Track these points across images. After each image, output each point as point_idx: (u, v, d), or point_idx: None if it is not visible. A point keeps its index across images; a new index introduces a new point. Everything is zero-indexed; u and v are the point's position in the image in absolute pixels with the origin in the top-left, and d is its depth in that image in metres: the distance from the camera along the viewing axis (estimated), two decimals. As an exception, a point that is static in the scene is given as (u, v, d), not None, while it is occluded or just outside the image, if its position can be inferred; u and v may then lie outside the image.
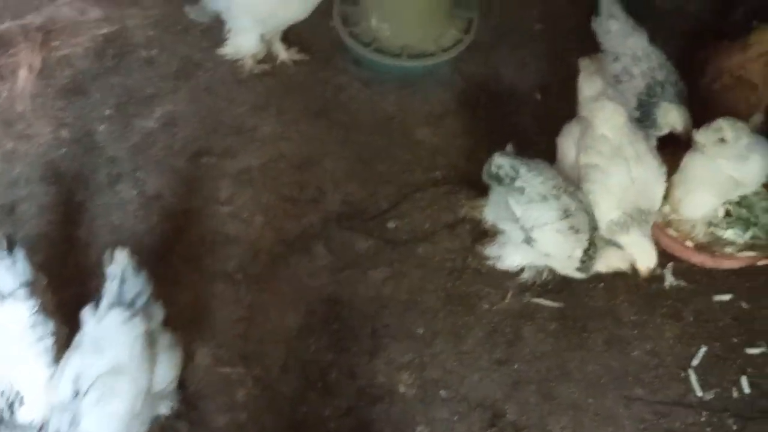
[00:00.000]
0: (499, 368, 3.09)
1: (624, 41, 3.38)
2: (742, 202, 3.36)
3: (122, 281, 2.45)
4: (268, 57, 3.92)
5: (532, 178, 3.03)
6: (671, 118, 3.26)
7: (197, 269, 3.29)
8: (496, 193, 3.19)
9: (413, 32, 3.89)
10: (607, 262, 3.09)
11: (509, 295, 3.26)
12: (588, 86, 3.35)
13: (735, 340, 3.13)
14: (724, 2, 4.02)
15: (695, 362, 3.09)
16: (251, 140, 3.70)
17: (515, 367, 3.10)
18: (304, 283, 3.28)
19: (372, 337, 3.16)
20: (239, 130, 3.73)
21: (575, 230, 2.99)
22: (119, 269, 2.46)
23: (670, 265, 3.30)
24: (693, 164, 3.18)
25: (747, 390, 3.01)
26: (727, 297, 3.23)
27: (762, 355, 3.10)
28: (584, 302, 3.24)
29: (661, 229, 3.29)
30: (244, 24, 3.78)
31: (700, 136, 3.08)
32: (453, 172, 3.64)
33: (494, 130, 3.76)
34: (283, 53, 3.94)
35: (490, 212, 3.29)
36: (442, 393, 3.04)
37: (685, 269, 3.30)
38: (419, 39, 3.90)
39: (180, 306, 3.17)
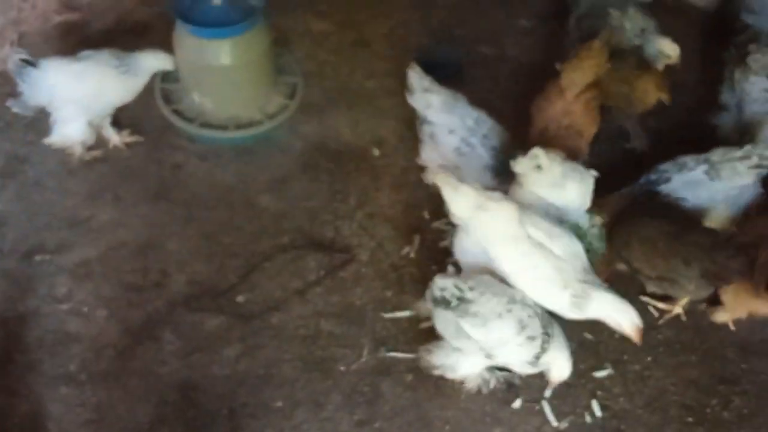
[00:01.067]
0: (361, 430, 3.07)
1: (451, 113, 3.47)
2: (575, 231, 3.54)
3: None
4: (99, 143, 3.84)
5: (483, 300, 2.90)
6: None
7: (37, 375, 3.13)
8: (443, 316, 2.98)
9: (237, 104, 3.92)
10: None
11: (365, 353, 3.26)
12: (460, 199, 3.07)
13: (582, 366, 3.23)
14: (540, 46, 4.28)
15: (548, 393, 3.17)
16: (87, 231, 3.58)
17: (377, 425, 3.08)
18: (154, 373, 3.17)
19: (230, 418, 3.08)
20: (73, 222, 3.60)
21: (531, 338, 2.90)
22: None
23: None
24: (518, 198, 3.31)
25: (599, 413, 3.12)
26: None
27: (609, 377, 3.23)
28: (438, 349, 3.28)
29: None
30: (69, 112, 3.69)
31: (518, 165, 3.21)
32: (299, 236, 3.64)
33: (337, 190, 3.81)
34: (114, 137, 3.86)
35: (441, 330, 3.04)
36: (306, 465, 2.99)
37: (529, 303, 3.41)
38: (244, 109, 3.92)
39: (21, 417, 3.01)
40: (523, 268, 2.98)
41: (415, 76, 3.51)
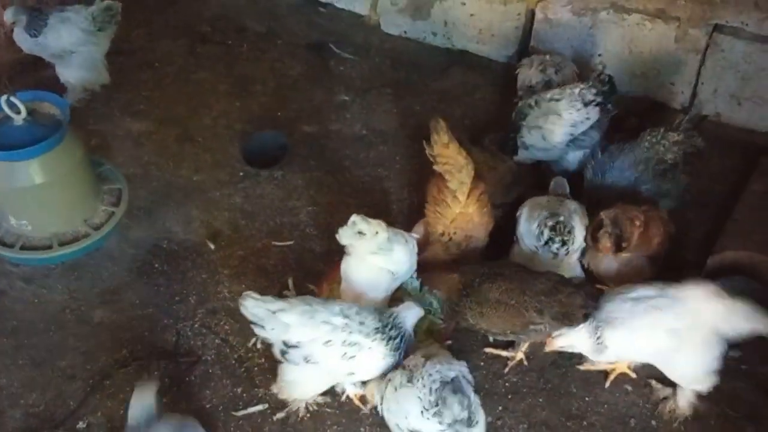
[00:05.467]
0: None
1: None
2: (413, 295, 3.61)
3: None
4: None
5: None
6: None
7: None
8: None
9: (57, 221, 3.81)
10: None
11: (228, 457, 3.18)
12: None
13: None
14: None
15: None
16: None
17: None
18: None
19: None
20: None
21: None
22: None
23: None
24: (350, 268, 3.38)
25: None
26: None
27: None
28: (299, 441, 3.23)
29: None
30: None
31: (342, 237, 3.28)
32: (140, 347, 3.51)
33: (175, 292, 3.72)
34: (-75, 275, 3.64)
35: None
36: None
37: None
38: (66, 225, 3.82)
39: None
40: None
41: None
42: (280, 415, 3.27)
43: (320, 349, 3.01)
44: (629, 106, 4.42)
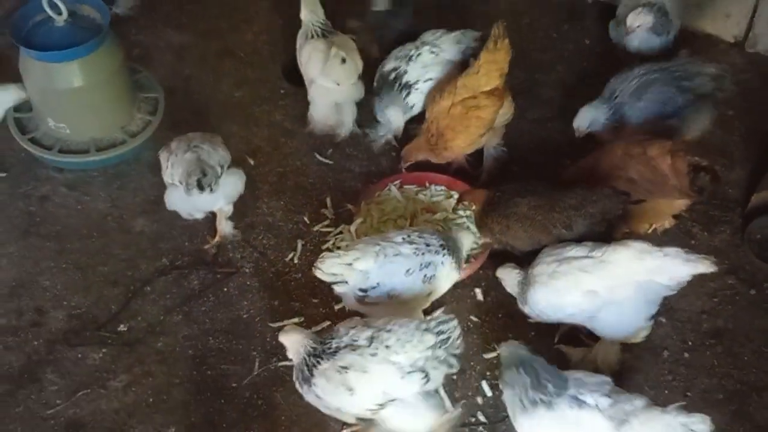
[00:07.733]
0: (258, 443, 3.06)
1: None
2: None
3: None
4: (-43, 184, 3.67)
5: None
6: None
7: None
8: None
9: (95, 126, 3.82)
10: None
11: (256, 366, 3.24)
12: None
13: (472, 350, 3.28)
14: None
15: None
16: (-48, 278, 3.42)
17: (274, 437, 3.08)
18: (38, 417, 3.07)
19: (123, 451, 3.01)
20: (-64, 270, 3.43)
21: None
22: None
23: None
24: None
25: (489, 393, 3.19)
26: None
27: (498, 357, 3.29)
28: (329, 352, 3.29)
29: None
30: None
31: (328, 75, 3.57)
32: (179, 256, 3.58)
33: (214, 204, 3.76)
34: (-29, 177, 3.70)
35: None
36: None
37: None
38: (104, 130, 3.83)
39: None
40: None
41: None
42: (315, 329, 3.34)
43: (402, 281, 3.03)
44: (683, 38, 4.28)
